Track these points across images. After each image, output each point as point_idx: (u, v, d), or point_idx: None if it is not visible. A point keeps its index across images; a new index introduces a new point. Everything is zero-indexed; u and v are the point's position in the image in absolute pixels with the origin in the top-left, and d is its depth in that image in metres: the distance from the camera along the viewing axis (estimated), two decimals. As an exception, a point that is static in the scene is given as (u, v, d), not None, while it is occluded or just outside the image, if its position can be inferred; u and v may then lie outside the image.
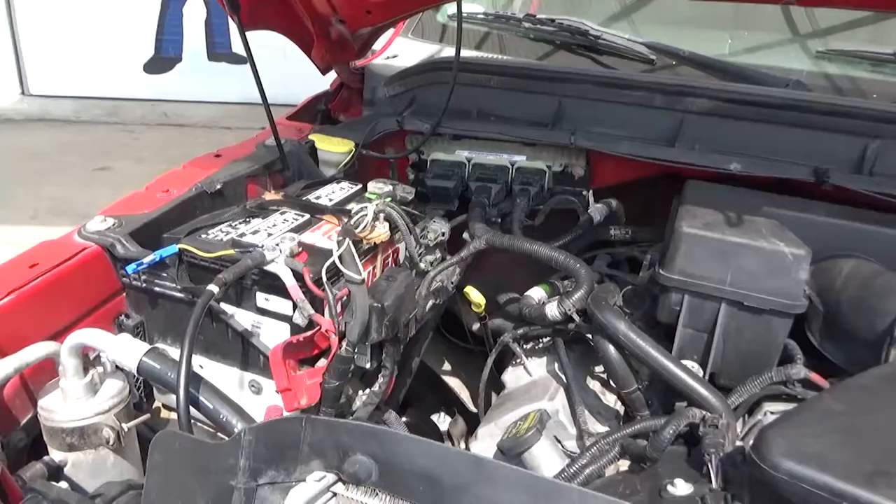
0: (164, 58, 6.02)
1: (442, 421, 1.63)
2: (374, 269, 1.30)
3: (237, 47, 5.77)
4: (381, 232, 1.24)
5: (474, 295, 1.33)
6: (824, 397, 0.73)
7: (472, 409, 1.69)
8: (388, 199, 1.35)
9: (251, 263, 1.06)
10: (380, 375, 1.21)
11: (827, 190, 1.26)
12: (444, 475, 0.61)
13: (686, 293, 1.09)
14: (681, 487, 0.76)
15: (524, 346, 1.33)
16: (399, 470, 0.62)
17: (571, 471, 0.93)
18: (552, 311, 1.18)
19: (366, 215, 1.20)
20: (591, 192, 1.47)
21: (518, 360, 1.30)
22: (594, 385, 1.24)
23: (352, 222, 1.19)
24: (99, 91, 5.88)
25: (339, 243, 1.14)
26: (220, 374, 1.18)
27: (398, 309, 1.19)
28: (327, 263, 1.10)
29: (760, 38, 1.66)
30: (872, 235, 1.13)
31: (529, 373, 1.28)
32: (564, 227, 1.42)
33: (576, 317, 1.15)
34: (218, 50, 6.09)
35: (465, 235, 1.39)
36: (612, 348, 1.06)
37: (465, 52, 1.87)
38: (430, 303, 1.41)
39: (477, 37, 1.92)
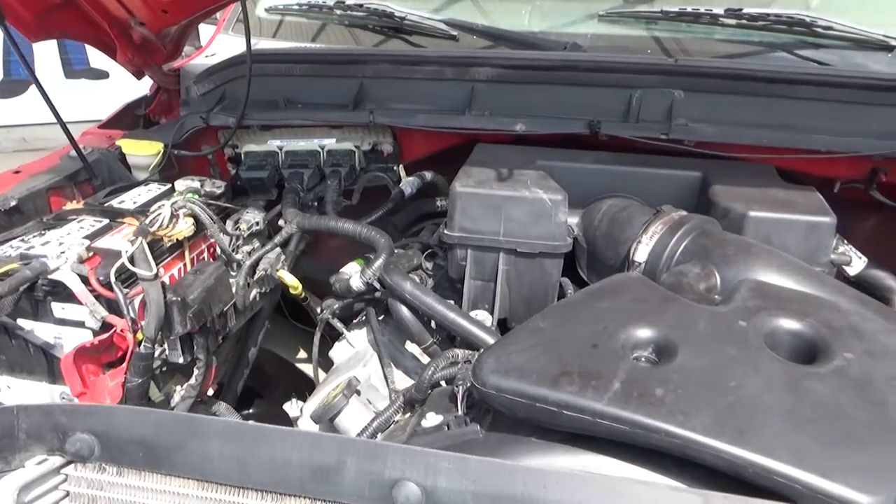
0: (14, 80, 5.63)
1: (294, 407, 1.65)
2: (184, 265, 1.31)
3: (96, 62, 5.49)
4: (184, 228, 1.25)
5: (287, 278, 1.36)
6: (536, 318, 0.82)
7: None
8: (193, 194, 1.35)
9: (30, 274, 1.05)
10: (195, 368, 1.22)
11: (603, 140, 1.38)
12: (160, 438, 0.64)
13: (469, 248, 1.16)
14: (431, 419, 0.83)
15: (354, 321, 1.39)
16: (119, 441, 0.65)
17: (373, 425, 0.99)
18: (356, 282, 1.23)
19: (160, 213, 1.20)
20: (401, 166, 1.53)
21: (342, 336, 1.35)
22: (412, 347, 1.31)
23: (147, 221, 1.19)
24: (-54, 123, 5.46)
25: (133, 243, 1.14)
26: (28, 390, 1.16)
27: (204, 301, 1.21)
28: (117, 264, 1.10)
29: (554, 6, 1.77)
30: (634, 175, 1.25)
31: (352, 345, 1.33)
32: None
33: (377, 284, 1.21)
34: (75, 67, 5.78)
35: (281, 222, 1.42)
36: (403, 308, 1.13)
37: (276, 44, 1.90)
38: (255, 292, 1.43)
39: (313, 28, 1.93)
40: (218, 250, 1.38)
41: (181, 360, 1.20)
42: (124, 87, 1.89)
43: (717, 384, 0.70)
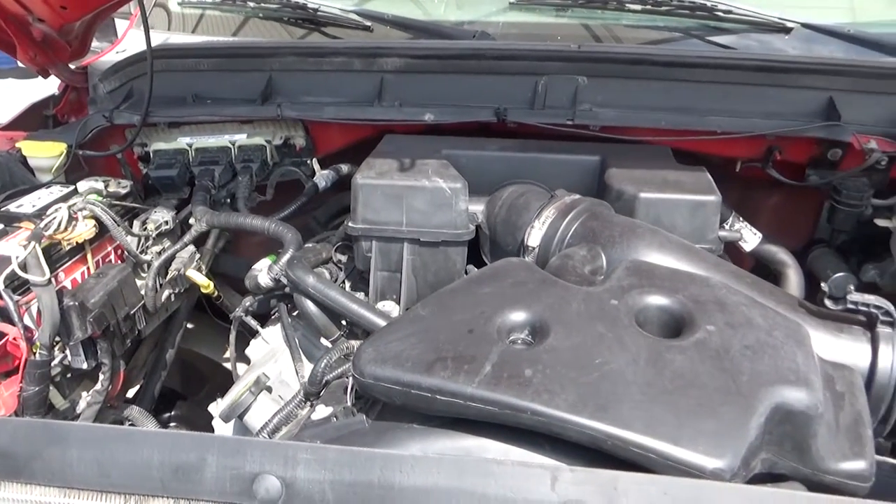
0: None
1: (218, 407, 1.63)
2: (87, 268, 1.27)
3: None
4: (84, 230, 1.22)
5: (196, 277, 1.34)
6: (417, 306, 0.83)
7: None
8: (95, 195, 1.32)
9: None
10: (100, 373, 1.20)
11: (512, 127, 1.40)
12: (18, 447, 0.63)
13: (373, 239, 1.17)
14: (320, 412, 0.83)
15: (272, 317, 1.37)
16: (-25, 452, 0.63)
17: (274, 421, 0.99)
18: (263, 278, 1.22)
19: (56, 217, 1.17)
20: (315, 160, 1.52)
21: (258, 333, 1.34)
22: (327, 341, 1.31)
23: (42, 225, 1.16)
24: None
25: (26, 248, 1.10)
26: (-77, 406, 1.12)
27: (107, 304, 1.18)
28: (7, 271, 1.07)
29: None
30: (537, 161, 1.27)
31: (267, 341, 1.32)
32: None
33: (283, 280, 1.20)
34: (1, 66, 5.56)
35: (191, 220, 1.39)
36: (308, 302, 1.12)
37: (193, 38, 1.85)
38: (168, 293, 1.40)
39: (235, 22, 1.89)
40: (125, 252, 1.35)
41: (84, 366, 1.17)
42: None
43: (583, 362, 0.72)
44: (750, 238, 1.29)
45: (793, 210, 1.56)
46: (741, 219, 1.30)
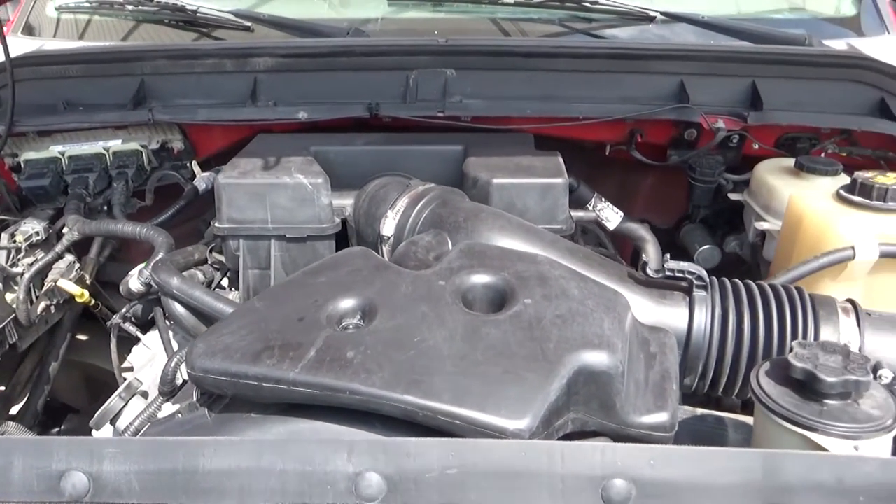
0: None
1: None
2: (-50, 285, 1.24)
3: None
4: (-58, 246, 1.19)
5: (68, 287, 1.32)
6: (254, 299, 0.85)
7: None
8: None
9: None
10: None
11: (387, 122, 1.43)
12: None
13: (241, 238, 1.18)
14: (166, 409, 0.85)
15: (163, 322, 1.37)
16: None
17: (136, 423, 1.00)
18: (134, 283, 1.22)
19: None
20: (194, 162, 1.51)
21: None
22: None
23: None
24: None
25: None
26: None
27: (-33, 319, 1.16)
28: None
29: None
30: (404, 154, 1.31)
31: (148, 347, 1.32)
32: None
33: (154, 284, 1.20)
34: None
35: (65, 229, 1.37)
36: (175, 304, 1.13)
37: (72, 44, 1.81)
38: (45, 304, 1.38)
39: (125, 27, 1.85)
40: (-4, 266, 1.32)
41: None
42: None
43: (403, 341, 0.76)
44: (612, 217, 1.37)
45: (666, 189, 1.65)
46: (603, 199, 1.38)
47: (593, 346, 0.76)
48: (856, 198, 1.08)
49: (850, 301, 0.92)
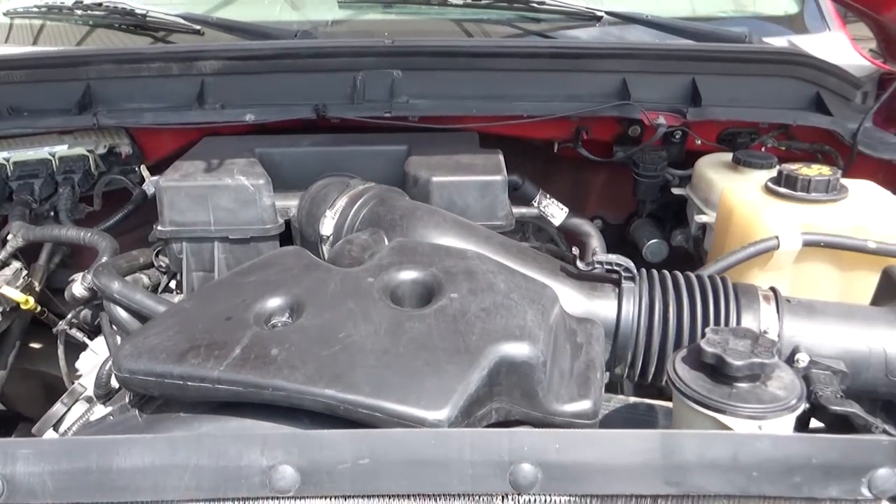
0: None
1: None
2: None
3: None
4: None
5: (11, 294, 1.31)
6: (185, 299, 0.86)
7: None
8: None
9: None
10: None
11: (336, 123, 1.44)
12: None
13: (183, 241, 1.18)
14: (98, 412, 0.85)
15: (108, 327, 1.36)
16: None
17: (73, 428, 0.99)
18: (77, 289, 1.21)
19: None
20: (143, 167, 1.51)
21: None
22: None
23: None
24: None
25: None
26: None
27: None
28: None
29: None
30: (349, 154, 1.32)
31: (96, 352, 1.31)
32: None
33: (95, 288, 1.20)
34: None
35: (9, 236, 1.36)
36: (117, 308, 1.13)
37: (19, 50, 1.80)
38: (-11, 313, 1.36)
39: (79, 32, 1.83)
40: (-63, 274, 1.30)
41: None
42: None
43: (327, 337, 0.77)
44: (557, 213, 1.39)
45: (617, 185, 1.69)
46: (548, 196, 1.40)
47: (515, 337, 0.77)
48: (781, 189, 1.12)
49: (772, 289, 0.95)
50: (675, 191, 1.47)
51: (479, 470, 0.61)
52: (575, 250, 0.94)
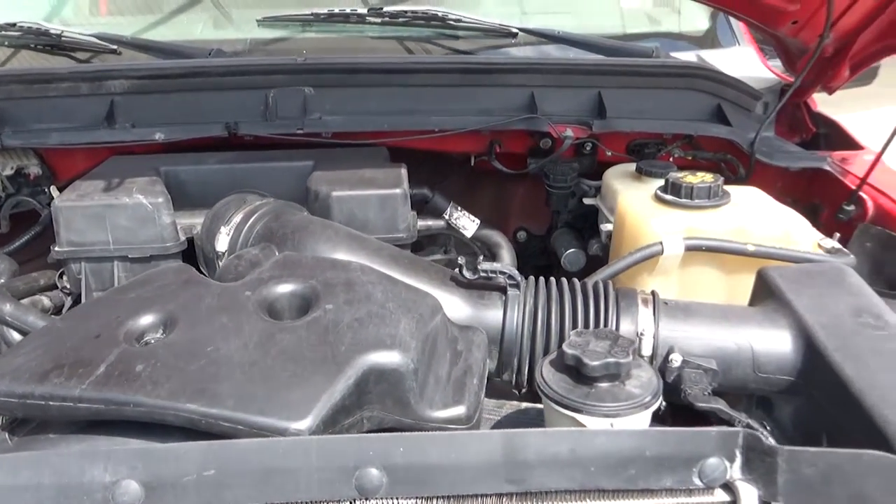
0: None
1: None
2: None
3: None
4: None
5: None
6: (58, 319, 0.85)
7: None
8: None
9: None
10: None
11: (249, 141, 1.44)
12: None
13: (82, 261, 1.17)
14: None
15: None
16: None
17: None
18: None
19: None
20: (53, 188, 1.49)
21: None
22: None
23: None
24: None
25: None
26: None
27: None
28: None
29: (218, 15, 1.82)
30: (255, 171, 1.33)
31: None
32: None
33: (-5, 311, 1.17)
34: None
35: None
36: (10, 331, 1.11)
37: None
38: None
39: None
40: None
41: None
42: None
43: (196, 352, 0.77)
44: (469, 225, 1.41)
45: (537, 197, 1.72)
46: (459, 208, 1.42)
47: (385, 346, 0.78)
48: (668, 196, 1.16)
49: (652, 292, 0.98)
50: (587, 201, 1.50)
51: (325, 476, 0.62)
52: (461, 259, 0.95)
